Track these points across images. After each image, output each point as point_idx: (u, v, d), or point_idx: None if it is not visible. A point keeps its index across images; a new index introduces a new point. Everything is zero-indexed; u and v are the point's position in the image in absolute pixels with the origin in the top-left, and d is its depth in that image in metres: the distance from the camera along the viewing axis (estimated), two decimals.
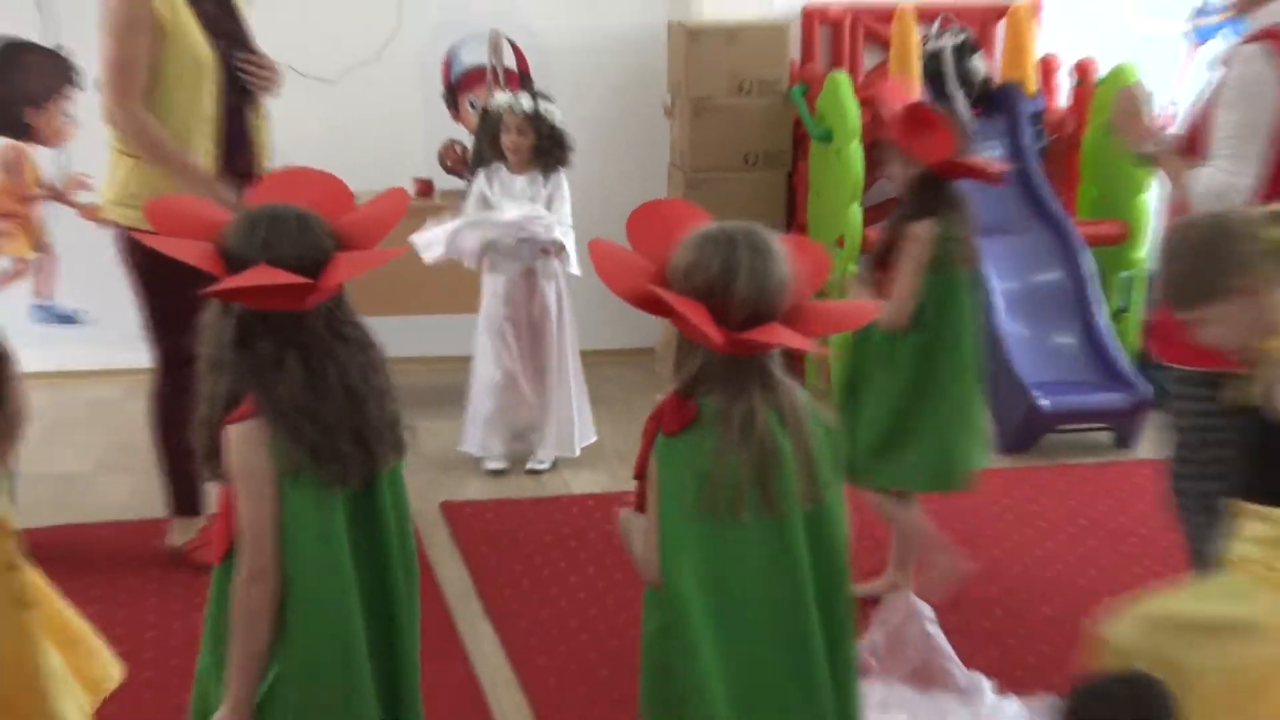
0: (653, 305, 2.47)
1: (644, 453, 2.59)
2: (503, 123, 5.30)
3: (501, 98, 5.42)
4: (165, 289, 4.11)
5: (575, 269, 5.33)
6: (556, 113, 5.34)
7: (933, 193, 4.34)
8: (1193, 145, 3.87)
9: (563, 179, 5.36)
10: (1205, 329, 2.95)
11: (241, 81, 4.48)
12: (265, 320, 2.41)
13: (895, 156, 4.42)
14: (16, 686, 3.05)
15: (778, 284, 2.49)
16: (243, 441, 2.39)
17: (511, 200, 5.27)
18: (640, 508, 2.59)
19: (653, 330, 6.66)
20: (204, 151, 4.44)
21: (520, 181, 5.29)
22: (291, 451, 2.40)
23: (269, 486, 2.41)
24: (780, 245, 2.53)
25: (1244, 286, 2.86)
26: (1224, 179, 3.71)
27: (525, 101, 5.28)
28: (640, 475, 2.61)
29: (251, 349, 2.40)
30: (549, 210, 5.29)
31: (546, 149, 5.29)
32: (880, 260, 4.36)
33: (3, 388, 2.42)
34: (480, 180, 5.37)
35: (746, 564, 2.52)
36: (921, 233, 4.24)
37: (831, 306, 3.27)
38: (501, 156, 5.32)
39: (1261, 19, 3.79)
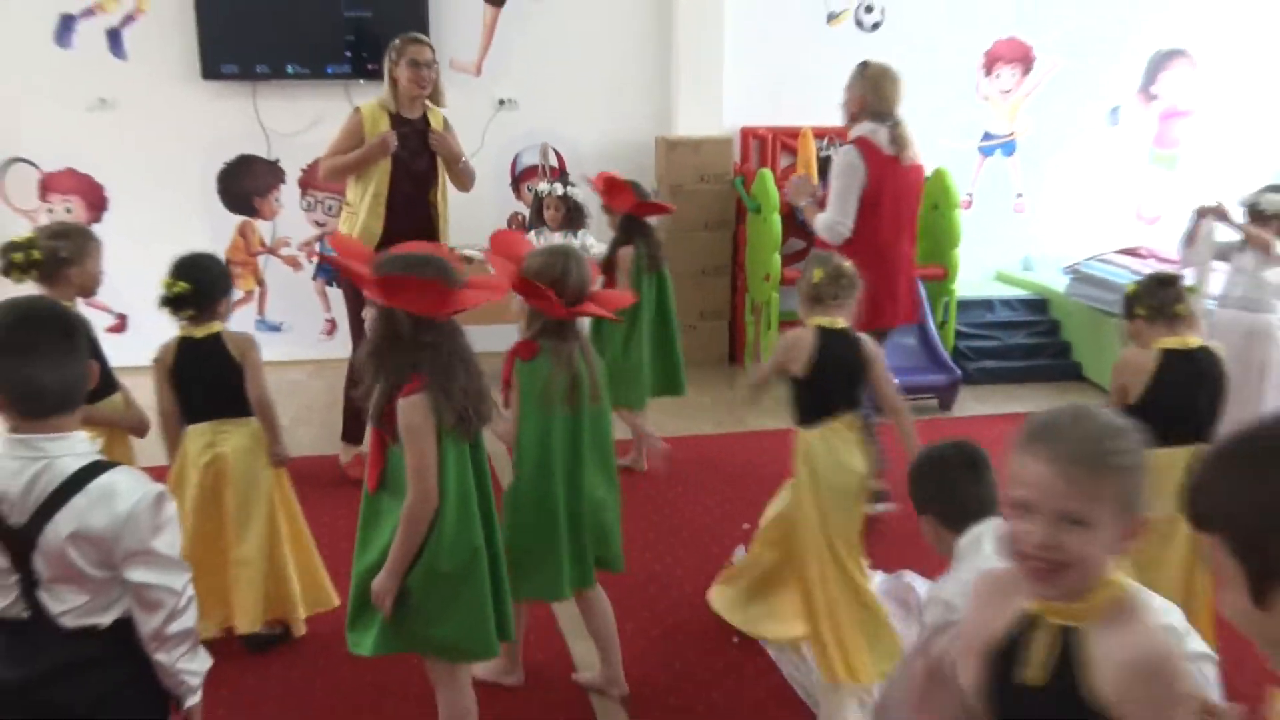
0: (523, 288, 3.01)
1: (507, 371, 3.10)
2: (545, 200, 5.83)
3: (543, 185, 5.93)
4: (358, 300, 4.46)
5: None
6: (579, 194, 5.80)
7: (629, 228, 5.13)
8: (823, 203, 4.65)
9: (585, 234, 5.75)
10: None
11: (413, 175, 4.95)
12: (423, 322, 2.58)
13: (609, 212, 5.20)
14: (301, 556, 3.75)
15: (588, 280, 3.12)
16: (414, 408, 2.55)
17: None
18: (506, 403, 3.11)
19: None
20: (372, 210, 4.90)
21: (556, 236, 5.66)
22: (445, 414, 2.57)
23: (432, 439, 2.56)
24: (586, 258, 3.17)
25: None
26: (833, 219, 4.53)
27: (558, 188, 5.81)
28: (506, 384, 3.11)
29: (417, 342, 2.58)
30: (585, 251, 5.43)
31: (571, 216, 5.74)
32: (605, 270, 4.98)
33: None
34: (532, 236, 5.69)
35: (559, 435, 3.08)
36: (626, 254, 5.04)
37: (610, 293, 3.67)
38: (544, 221, 5.81)
39: (856, 131, 4.58)
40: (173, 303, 3.52)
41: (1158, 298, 3.46)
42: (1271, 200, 4.95)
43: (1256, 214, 4.97)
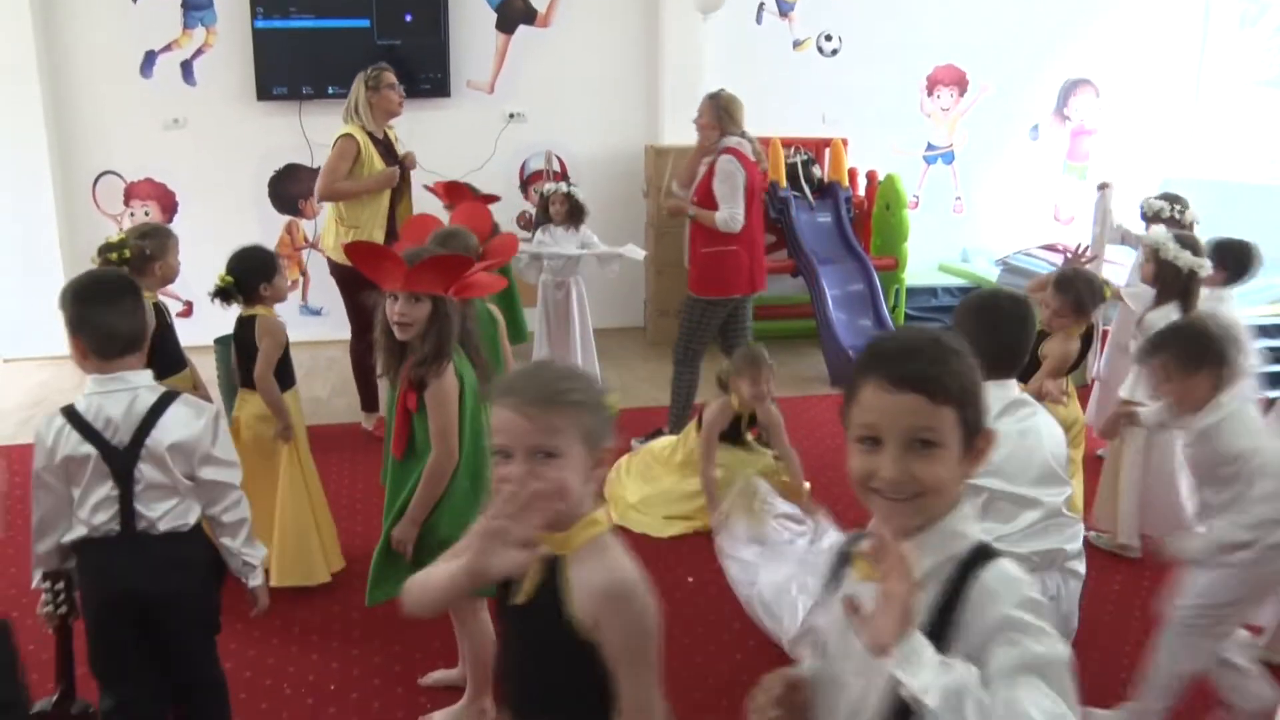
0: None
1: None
2: (550, 198, 5.70)
3: (548, 185, 5.87)
4: (355, 293, 4.56)
5: (639, 254, 5.58)
6: (579, 193, 5.74)
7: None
8: (701, 201, 4.76)
9: (585, 228, 5.65)
10: None
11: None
12: (465, 306, 2.63)
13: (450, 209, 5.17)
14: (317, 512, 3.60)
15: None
16: (447, 376, 2.53)
17: (555, 242, 5.57)
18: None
19: (639, 314, 7.39)
20: (378, 225, 4.93)
21: (559, 230, 5.63)
22: (471, 378, 2.59)
23: (455, 404, 2.55)
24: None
25: None
26: (731, 213, 4.66)
27: (561, 187, 5.74)
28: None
29: (464, 328, 2.62)
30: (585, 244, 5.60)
31: (573, 213, 5.64)
32: None
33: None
34: (539, 232, 5.69)
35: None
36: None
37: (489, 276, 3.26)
38: (549, 218, 5.70)
39: (727, 143, 4.71)
40: (221, 294, 3.52)
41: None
42: (1152, 204, 4.93)
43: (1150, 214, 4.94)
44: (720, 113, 4.80)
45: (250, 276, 3.52)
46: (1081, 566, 2.48)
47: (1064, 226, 8.33)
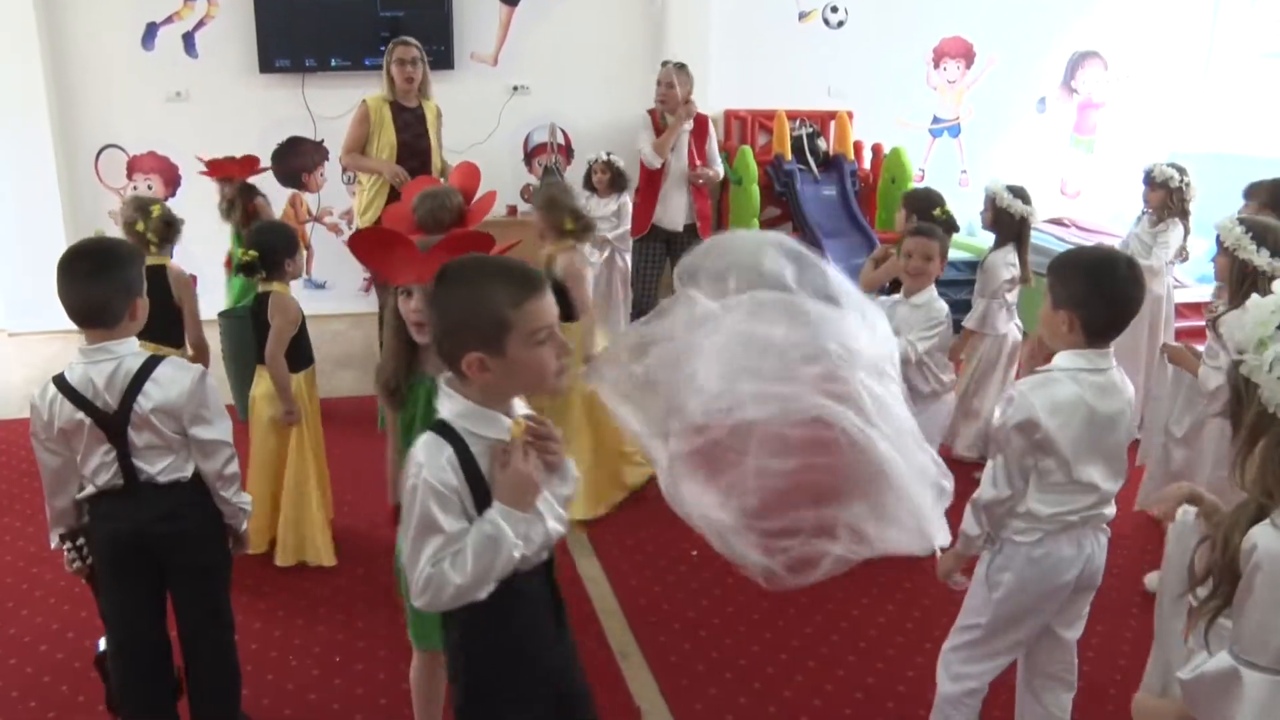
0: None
1: None
2: (593, 166, 5.98)
3: (592, 155, 6.12)
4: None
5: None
6: (620, 162, 5.96)
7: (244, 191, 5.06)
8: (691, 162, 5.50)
9: (625, 196, 5.86)
10: None
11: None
12: None
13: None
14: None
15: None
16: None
17: (597, 210, 5.58)
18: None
19: None
20: (380, 190, 5.05)
21: (599, 200, 5.85)
22: None
23: None
24: None
25: None
26: (648, 153, 5.44)
27: (603, 155, 6.01)
28: None
29: None
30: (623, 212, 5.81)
31: (616, 181, 5.95)
32: None
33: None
34: (583, 200, 5.65)
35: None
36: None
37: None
38: (593, 186, 5.98)
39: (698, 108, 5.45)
40: (246, 268, 3.51)
41: None
42: (1164, 170, 4.84)
43: (1152, 181, 4.87)
44: (691, 83, 5.42)
45: (275, 252, 3.51)
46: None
47: (1070, 200, 8.29)
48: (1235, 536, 1.46)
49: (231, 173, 5.07)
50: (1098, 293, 2.18)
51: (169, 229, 3.84)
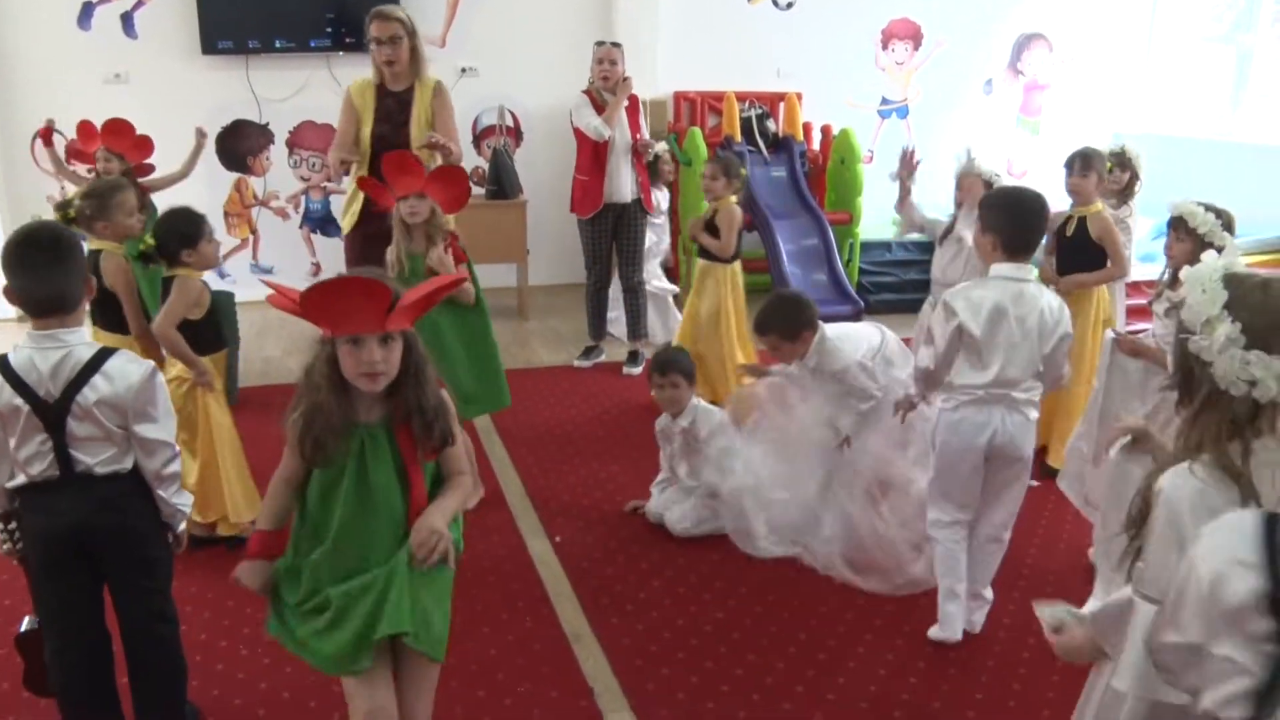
0: None
1: None
2: (662, 158, 6.01)
3: (660, 146, 6.05)
4: (362, 259, 4.30)
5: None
6: (661, 145, 5.98)
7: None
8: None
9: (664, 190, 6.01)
10: None
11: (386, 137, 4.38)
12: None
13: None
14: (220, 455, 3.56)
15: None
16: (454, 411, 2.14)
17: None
18: None
19: None
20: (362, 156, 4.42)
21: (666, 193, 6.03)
22: None
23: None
24: None
25: None
26: (598, 125, 5.42)
27: (664, 145, 6.07)
28: None
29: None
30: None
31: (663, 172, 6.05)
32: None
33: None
34: (657, 195, 5.96)
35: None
36: None
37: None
38: (661, 178, 6.02)
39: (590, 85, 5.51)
40: (143, 257, 3.47)
41: None
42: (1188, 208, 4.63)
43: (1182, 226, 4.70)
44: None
45: (170, 240, 3.41)
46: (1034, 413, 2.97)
47: (1016, 180, 8.30)
48: (1156, 481, 1.59)
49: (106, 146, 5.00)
50: (1011, 219, 2.88)
51: (89, 220, 3.68)
